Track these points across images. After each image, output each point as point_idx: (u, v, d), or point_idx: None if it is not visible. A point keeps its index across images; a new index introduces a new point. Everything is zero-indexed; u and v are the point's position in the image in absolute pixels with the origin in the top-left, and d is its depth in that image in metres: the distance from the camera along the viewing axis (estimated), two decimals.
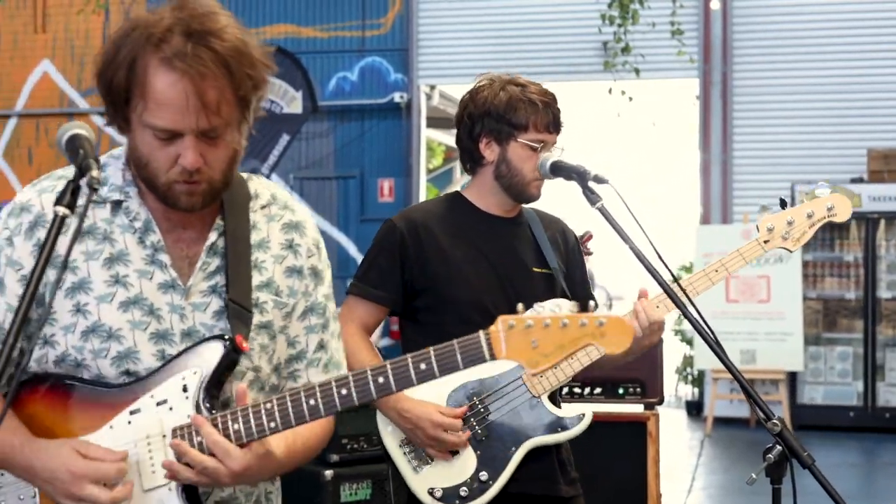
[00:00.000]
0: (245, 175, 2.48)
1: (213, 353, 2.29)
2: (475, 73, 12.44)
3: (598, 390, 5.46)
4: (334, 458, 5.26)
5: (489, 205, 3.65)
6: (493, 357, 2.21)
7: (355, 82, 13.38)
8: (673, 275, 3.19)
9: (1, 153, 14.18)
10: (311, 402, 2.25)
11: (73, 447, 2.23)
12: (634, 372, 5.49)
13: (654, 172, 15.77)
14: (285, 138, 11.90)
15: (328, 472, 5.23)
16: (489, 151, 3.58)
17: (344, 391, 2.24)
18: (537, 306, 2.14)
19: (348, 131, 13.50)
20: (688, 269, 13.84)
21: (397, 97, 13.25)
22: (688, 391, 13.45)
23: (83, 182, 2.09)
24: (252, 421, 2.25)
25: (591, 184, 3.24)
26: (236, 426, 2.25)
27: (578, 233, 3.95)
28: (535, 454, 3.53)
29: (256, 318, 2.38)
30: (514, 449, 3.50)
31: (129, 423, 2.28)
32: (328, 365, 2.54)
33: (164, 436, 2.27)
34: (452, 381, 3.53)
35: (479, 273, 3.58)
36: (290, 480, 5.21)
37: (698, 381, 13.01)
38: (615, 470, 5.26)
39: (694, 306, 3.07)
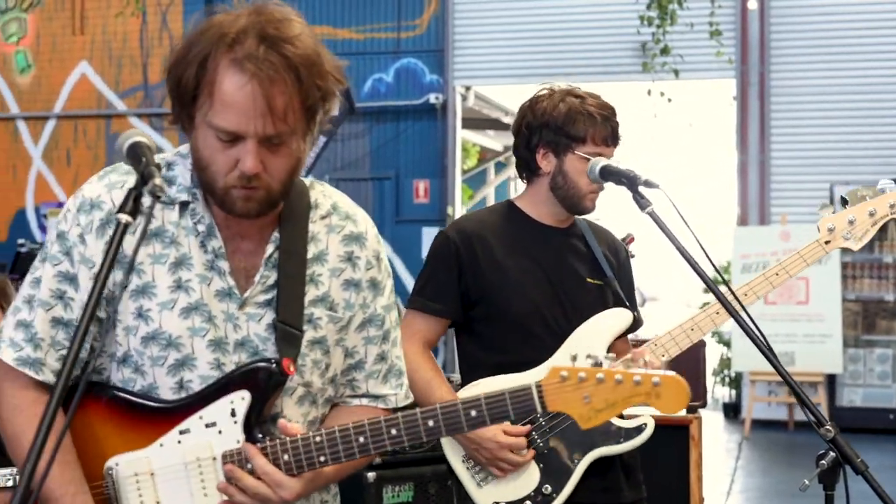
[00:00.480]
0: (308, 181, 2.46)
1: (260, 378, 2.29)
2: (511, 74, 12.50)
3: None
4: (377, 460, 5.24)
5: (543, 215, 3.64)
6: (544, 410, 2.18)
7: (391, 83, 13.39)
8: (724, 280, 3.17)
9: (40, 155, 14.28)
10: (361, 439, 2.24)
11: None
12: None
13: (691, 173, 15.69)
14: (322, 140, 11.90)
15: (370, 475, 5.20)
16: (546, 162, 3.57)
17: (394, 431, 2.23)
18: (587, 358, 2.11)
19: (384, 132, 13.51)
20: (725, 270, 13.78)
21: (433, 98, 13.25)
22: (725, 393, 13.38)
23: (146, 190, 2.06)
24: (302, 454, 2.26)
25: (642, 188, 3.23)
26: (286, 457, 2.26)
27: (619, 235, 3.94)
28: (599, 464, 3.51)
29: (310, 334, 2.37)
30: (576, 461, 3.48)
31: (179, 442, 2.28)
32: (388, 375, 2.54)
33: (214, 458, 2.28)
34: None
35: (534, 284, 3.56)
36: None
37: (736, 382, 12.93)
38: (657, 473, 5.23)
39: (746, 312, 3.05)
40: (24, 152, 14.31)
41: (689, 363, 5.40)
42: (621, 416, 3.53)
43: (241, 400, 2.28)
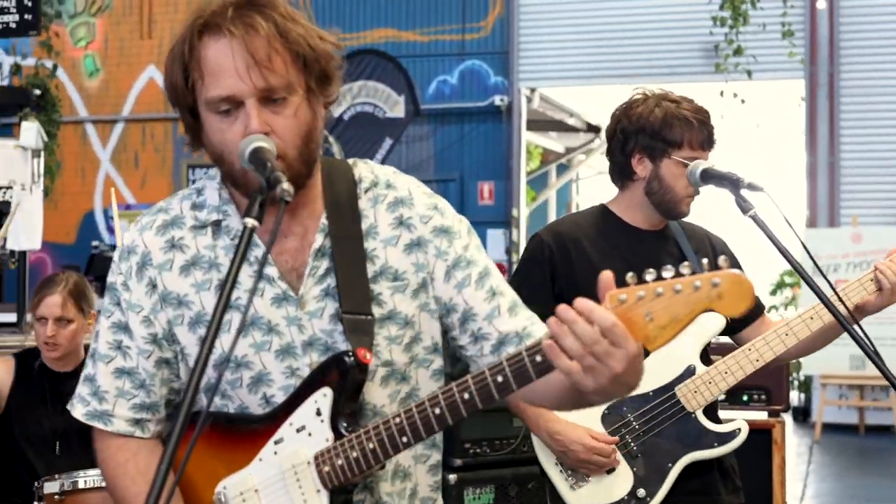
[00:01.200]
0: (350, 161, 2.40)
1: (337, 372, 2.24)
2: (576, 75, 12.45)
3: (721, 397, 5.42)
4: (458, 462, 5.25)
5: (637, 219, 3.63)
6: None
7: (455, 85, 13.40)
8: (830, 284, 3.14)
9: (108, 158, 14.44)
10: (437, 410, 2.16)
11: None
12: (760, 379, 5.42)
13: (759, 175, 15.52)
14: (388, 142, 11.96)
15: (452, 477, 5.22)
16: (641, 167, 3.55)
17: (466, 395, 2.13)
18: (646, 275, 1.99)
19: (448, 134, 13.52)
20: (791, 274, 13.65)
21: (497, 100, 13.23)
22: (795, 397, 13.25)
23: (275, 195, 1.99)
24: (385, 439, 2.19)
25: (744, 192, 3.20)
26: (371, 445, 2.20)
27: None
28: (695, 468, 3.49)
29: (377, 312, 2.28)
30: (670, 465, 3.47)
31: (276, 453, 2.25)
32: (513, 307, 2.39)
33: (308, 463, 2.23)
34: None
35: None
36: None
37: (806, 386, 12.80)
38: (740, 478, 5.20)
39: (853, 316, 3.02)
40: (93, 155, 14.48)
41: (771, 366, 5.36)
42: (716, 421, 3.51)
43: (323, 397, 2.23)
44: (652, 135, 3.51)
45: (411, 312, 2.32)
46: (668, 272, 1.97)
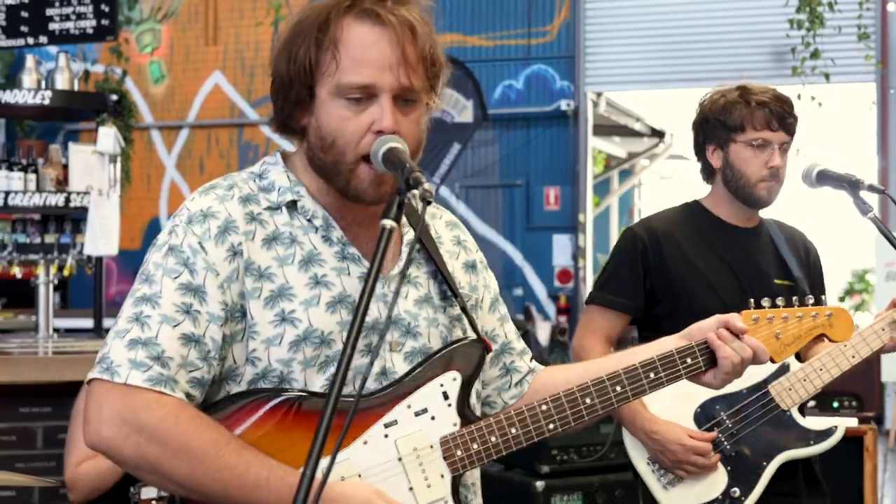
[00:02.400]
0: None
1: (469, 358, 2.24)
2: (643, 80, 12.34)
3: (811, 403, 5.37)
4: (545, 469, 5.24)
5: (726, 213, 3.64)
6: None
7: (521, 90, 13.33)
8: None
9: (174, 164, 14.53)
10: (588, 400, 2.26)
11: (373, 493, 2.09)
12: (851, 385, 5.35)
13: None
14: (456, 147, 11.90)
15: (539, 484, 5.21)
16: (715, 158, 3.61)
17: (619, 388, 2.28)
18: (763, 301, 2.43)
19: (514, 139, 13.46)
20: (860, 279, 13.46)
21: (563, 105, 13.15)
22: None
23: (417, 194, 1.97)
24: (530, 424, 2.23)
25: (864, 193, 3.17)
26: (514, 430, 2.22)
27: None
28: (783, 470, 3.47)
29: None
30: (765, 463, 3.44)
31: (387, 436, 2.17)
32: (525, 351, 2.52)
33: (431, 447, 2.18)
34: (697, 398, 3.47)
35: (723, 282, 3.55)
36: (501, 492, 5.20)
37: (880, 393, 12.61)
38: (830, 485, 5.14)
39: None
40: (158, 161, 14.57)
41: (864, 374, 5.27)
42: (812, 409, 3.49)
43: (452, 381, 2.22)
44: (715, 124, 3.57)
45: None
46: (781, 301, 2.44)
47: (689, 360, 2.30)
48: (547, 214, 13.15)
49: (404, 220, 2.29)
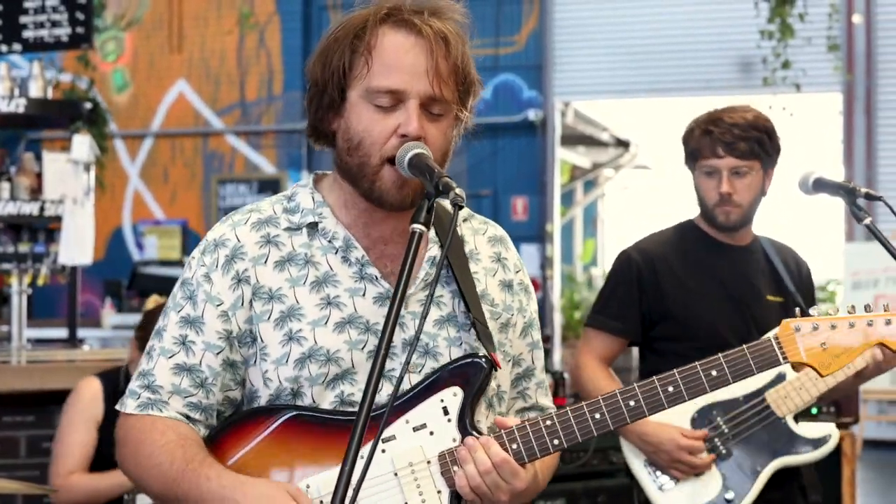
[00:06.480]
0: None
1: (473, 374, 2.21)
2: (613, 89, 12.40)
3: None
4: None
5: (717, 232, 3.69)
6: (786, 360, 2.22)
7: (488, 100, 13.31)
8: None
9: (137, 173, 14.39)
10: (598, 415, 2.21)
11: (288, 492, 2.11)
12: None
13: (797, 188, 15.46)
14: None
15: None
16: (693, 181, 3.70)
17: (632, 403, 2.23)
18: (812, 310, 2.37)
19: (481, 149, 13.43)
20: (823, 288, 13.56)
21: (531, 114, 13.16)
22: None
23: (448, 199, 2.01)
24: (533, 440, 2.18)
25: (860, 201, 3.19)
26: (514, 446, 2.18)
27: None
28: (776, 479, 3.51)
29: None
30: (759, 469, 3.49)
31: (384, 451, 2.17)
32: (544, 384, 2.49)
33: (428, 462, 2.18)
34: (694, 404, 3.51)
35: (716, 301, 3.60)
36: None
37: None
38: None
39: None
40: (122, 170, 14.41)
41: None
42: (812, 415, 3.52)
43: (452, 397, 2.20)
44: (685, 151, 3.67)
45: (497, 344, 2.33)
46: (826, 307, 2.31)
47: (714, 373, 2.28)
48: (515, 224, 13.13)
49: (432, 233, 2.28)
